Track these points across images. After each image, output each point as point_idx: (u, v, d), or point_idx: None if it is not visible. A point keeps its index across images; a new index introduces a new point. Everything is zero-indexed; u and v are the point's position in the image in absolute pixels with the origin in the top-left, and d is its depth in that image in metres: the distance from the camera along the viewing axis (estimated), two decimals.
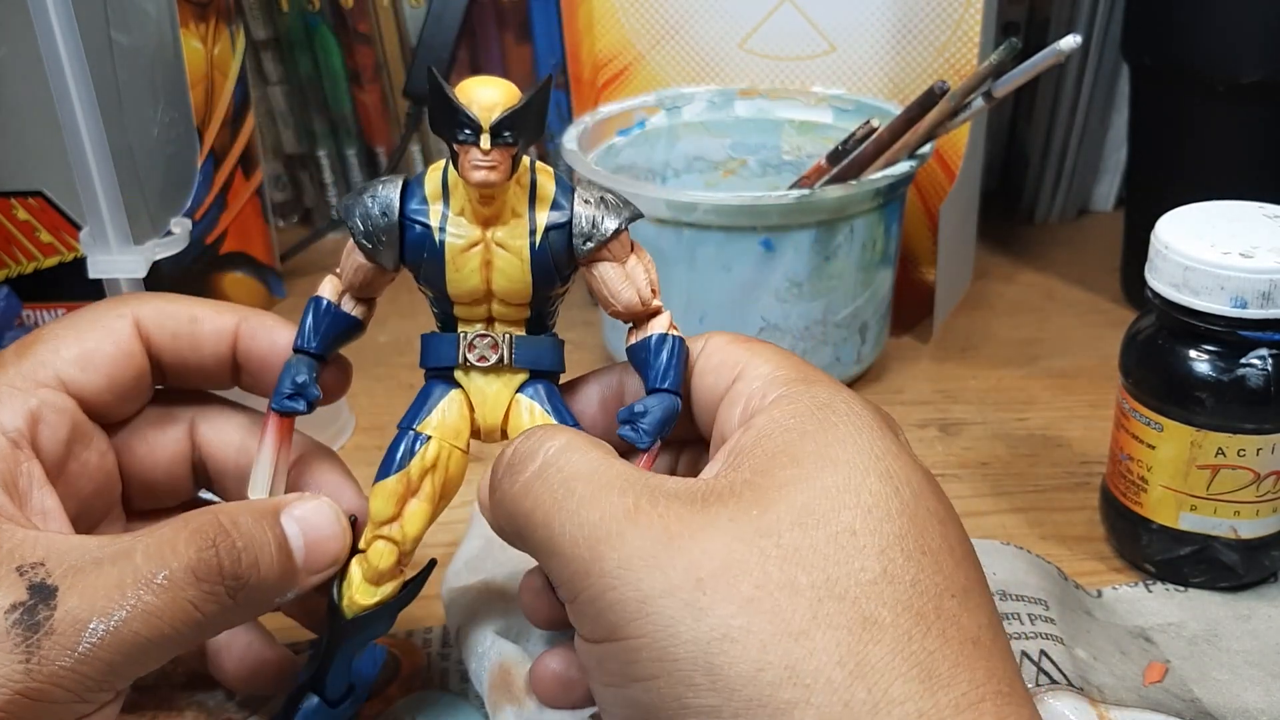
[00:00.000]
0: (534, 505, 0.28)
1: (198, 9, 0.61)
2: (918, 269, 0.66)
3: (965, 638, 0.25)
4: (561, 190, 0.31)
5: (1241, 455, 0.41)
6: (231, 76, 0.65)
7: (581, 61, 0.67)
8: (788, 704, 0.23)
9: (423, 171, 0.31)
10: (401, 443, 0.32)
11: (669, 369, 0.31)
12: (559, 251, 0.31)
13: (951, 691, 0.24)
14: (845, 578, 0.24)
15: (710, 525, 0.26)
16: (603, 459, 0.28)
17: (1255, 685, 0.39)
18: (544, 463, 0.28)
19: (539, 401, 0.32)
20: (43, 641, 0.26)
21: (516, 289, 0.31)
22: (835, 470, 0.26)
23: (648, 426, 0.31)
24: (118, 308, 0.33)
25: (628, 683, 0.25)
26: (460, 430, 0.32)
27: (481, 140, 0.28)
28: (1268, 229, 0.41)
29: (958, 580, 0.26)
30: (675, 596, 0.24)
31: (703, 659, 0.24)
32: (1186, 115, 0.60)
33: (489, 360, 0.32)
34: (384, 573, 0.32)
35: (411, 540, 0.32)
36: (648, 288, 0.32)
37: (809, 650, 0.24)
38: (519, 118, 0.28)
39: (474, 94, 0.28)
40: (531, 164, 0.31)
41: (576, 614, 0.27)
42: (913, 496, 0.26)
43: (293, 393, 0.32)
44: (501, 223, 0.31)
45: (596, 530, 0.26)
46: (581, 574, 0.26)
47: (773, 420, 0.28)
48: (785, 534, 0.25)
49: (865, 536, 0.25)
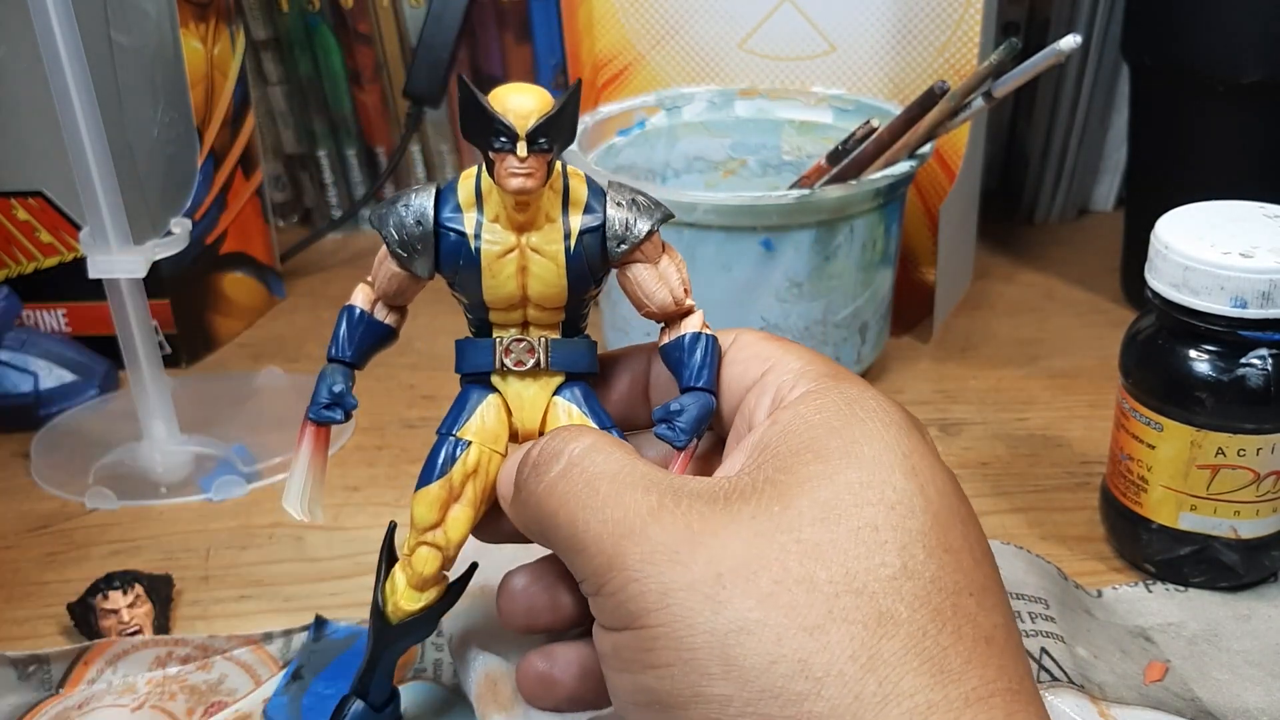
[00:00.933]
0: (559, 504, 0.28)
1: (198, 9, 0.61)
2: (918, 269, 0.66)
3: (979, 635, 0.25)
4: (593, 193, 0.31)
5: (1241, 455, 0.41)
6: (231, 76, 0.65)
7: (581, 61, 0.67)
8: (799, 695, 0.24)
9: (455, 179, 0.31)
10: (443, 448, 0.32)
11: (703, 367, 0.31)
12: (593, 255, 0.31)
13: (962, 686, 0.24)
14: (865, 573, 0.25)
15: (732, 522, 0.26)
16: (626, 459, 0.28)
17: (1255, 685, 0.39)
18: (569, 463, 0.29)
19: (576, 404, 0.32)
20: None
21: (552, 293, 0.31)
22: (860, 466, 0.27)
23: (684, 425, 0.31)
24: None
25: (643, 669, 0.26)
26: (499, 434, 0.32)
27: (519, 148, 0.28)
28: (1268, 229, 0.41)
29: (976, 579, 0.26)
30: (695, 590, 0.25)
31: (719, 650, 0.24)
32: (1186, 115, 0.60)
33: (526, 364, 0.32)
34: (428, 578, 0.32)
35: (455, 545, 0.32)
36: (680, 287, 0.32)
37: (823, 644, 0.24)
38: (554, 124, 0.28)
39: (509, 102, 0.29)
40: (564, 168, 0.31)
41: (598, 606, 0.27)
42: (937, 494, 0.27)
43: (330, 402, 0.32)
44: (536, 228, 0.31)
45: (620, 527, 0.26)
46: (605, 569, 0.26)
47: (799, 415, 0.28)
48: (806, 529, 0.25)
49: (887, 532, 0.25)
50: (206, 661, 0.41)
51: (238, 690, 0.40)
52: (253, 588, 0.46)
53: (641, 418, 0.34)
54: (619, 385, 0.34)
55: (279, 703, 0.38)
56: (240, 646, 0.42)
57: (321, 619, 0.42)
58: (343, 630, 0.42)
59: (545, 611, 0.32)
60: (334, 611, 0.43)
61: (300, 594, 0.46)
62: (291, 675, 0.40)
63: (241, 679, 0.40)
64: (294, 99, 0.76)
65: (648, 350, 0.34)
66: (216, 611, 0.45)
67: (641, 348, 0.35)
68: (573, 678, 0.32)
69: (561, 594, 0.32)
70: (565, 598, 0.32)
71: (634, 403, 0.34)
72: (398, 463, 0.54)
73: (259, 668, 0.41)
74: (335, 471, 0.54)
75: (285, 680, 0.39)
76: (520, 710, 0.34)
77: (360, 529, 0.50)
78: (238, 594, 0.46)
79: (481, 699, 0.35)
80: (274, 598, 0.45)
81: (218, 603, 0.45)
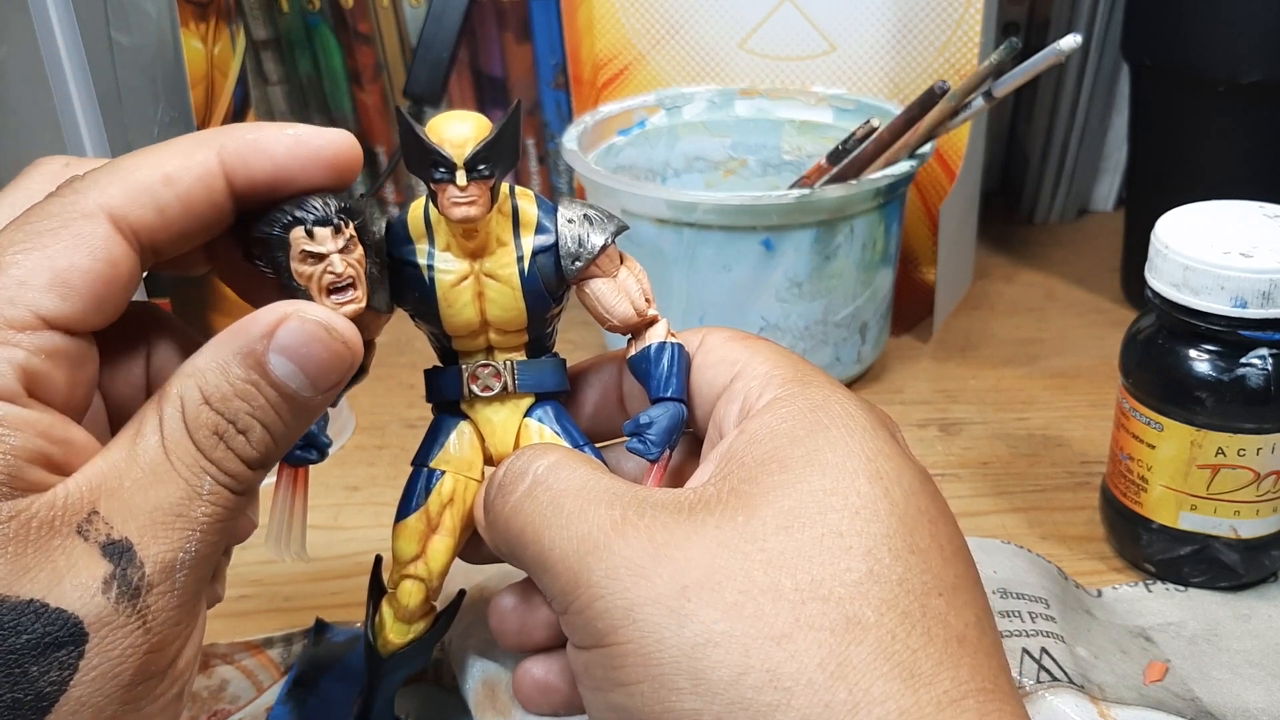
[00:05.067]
0: (525, 524, 0.28)
1: (198, 9, 0.61)
2: (918, 269, 0.66)
3: (950, 635, 0.25)
4: (544, 212, 0.31)
5: (1241, 455, 0.41)
6: (231, 76, 0.65)
7: (581, 61, 0.67)
8: (769, 706, 0.23)
9: (403, 212, 0.31)
10: (418, 480, 0.32)
11: (671, 377, 0.31)
12: (548, 274, 0.31)
13: (933, 689, 0.24)
14: (830, 579, 0.25)
15: (696, 534, 0.26)
16: (591, 474, 0.28)
17: (1255, 685, 0.39)
18: (533, 481, 0.28)
19: (547, 423, 0.32)
20: (148, 600, 0.25)
21: (511, 317, 0.31)
22: (824, 474, 0.26)
23: (655, 437, 0.30)
24: (80, 203, 0.26)
25: (613, 687, 0.25)
26: (473, 462, 0.32)
27: (458, 177, 0.28)
28: (1268, 229, 0.41)
29: (946, 578, 0.26)
30: (660, 604, 0.25)
31: (686, 664, 0.24)
32: (1186, 115, 0.60)
33: (493, 390, 0.32)
34: (414, 611, 0.32)
35: (438, 576, 0.32)
36: (641, 298, 0.31)
37: (790, 653, 0.24)
38: (492, 149, 0.28)
39: (444, 131, 0.28)
40: (511, 190, 0.31)
41: (568, 625, 0.27)
42: (903, 496, 0.26)
43: (304, 444, 0.32)
44: (488, 253, 0.30)
45: (584, 543, 0.26)
46: (571, 586, 0.26)
47: (764, 425, 0.28)
48: (770, 539, 0.25)
49: (852, 538, 0.25)
50: (207, 666, 0.41)
51: (240, 698, 0.40)
52: (252, 587, 0.46)
53: (616, 428, 0.34)
54: (590, 398, 0.34)
55: (280, 711, 0.38)
56: (240, 651, 0.42)
57: (322, 623, 0.42)
58: (343, 633, 0.42)
59: (536, 629, 0.32)
60: (334, 611, 0.43)
61: (300, 594, 0.46)
62: (293, 682, 0.40)
63: (243, 685, 0.40)
64: (294, 99, 0.76)
65: (618, 359, 0.34)
66: (216, 611, 0.45)
67: (611, 356, 0.34)
68: (568, 684, 0.32)
69: (550, 611, 0.31)
70: (553, 614, 0.31)
71: (608, 414, 0.34)
72: (398, 463, 0.54)
73: (260, 673, 0.41)
74: (335, 471, 0.54)
75: (287, 688, 0.39)
76: (518, 716, 0.34)
77: (360, 529, 0.50)
78: (238, 594, 0.46)
79: (479, 705, 0.35)
80: (274, 597, 0.45)
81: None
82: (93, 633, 0.24)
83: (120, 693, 0.24)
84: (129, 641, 0.25)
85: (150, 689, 0.25)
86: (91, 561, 0.24)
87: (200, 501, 0.26)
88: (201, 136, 0.28)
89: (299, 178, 0.28)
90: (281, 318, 0.27)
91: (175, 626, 0.26)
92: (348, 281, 0.28)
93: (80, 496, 0.25)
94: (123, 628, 0.25)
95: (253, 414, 0.26)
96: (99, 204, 0.26)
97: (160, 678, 0.26)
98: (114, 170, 0.27)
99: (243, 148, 0.28)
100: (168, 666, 0.26)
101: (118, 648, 0.24)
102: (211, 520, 0.26)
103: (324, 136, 0.28)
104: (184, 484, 0.26)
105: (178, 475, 0.26)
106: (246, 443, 0.26)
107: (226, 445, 0.26)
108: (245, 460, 0.26)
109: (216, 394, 0.26)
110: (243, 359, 0.26)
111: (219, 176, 0.28)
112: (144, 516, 0.25)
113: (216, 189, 0.28)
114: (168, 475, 0.26)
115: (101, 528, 0.25)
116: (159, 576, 0.25)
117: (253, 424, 0.26)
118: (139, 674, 0.25)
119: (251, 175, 0.28)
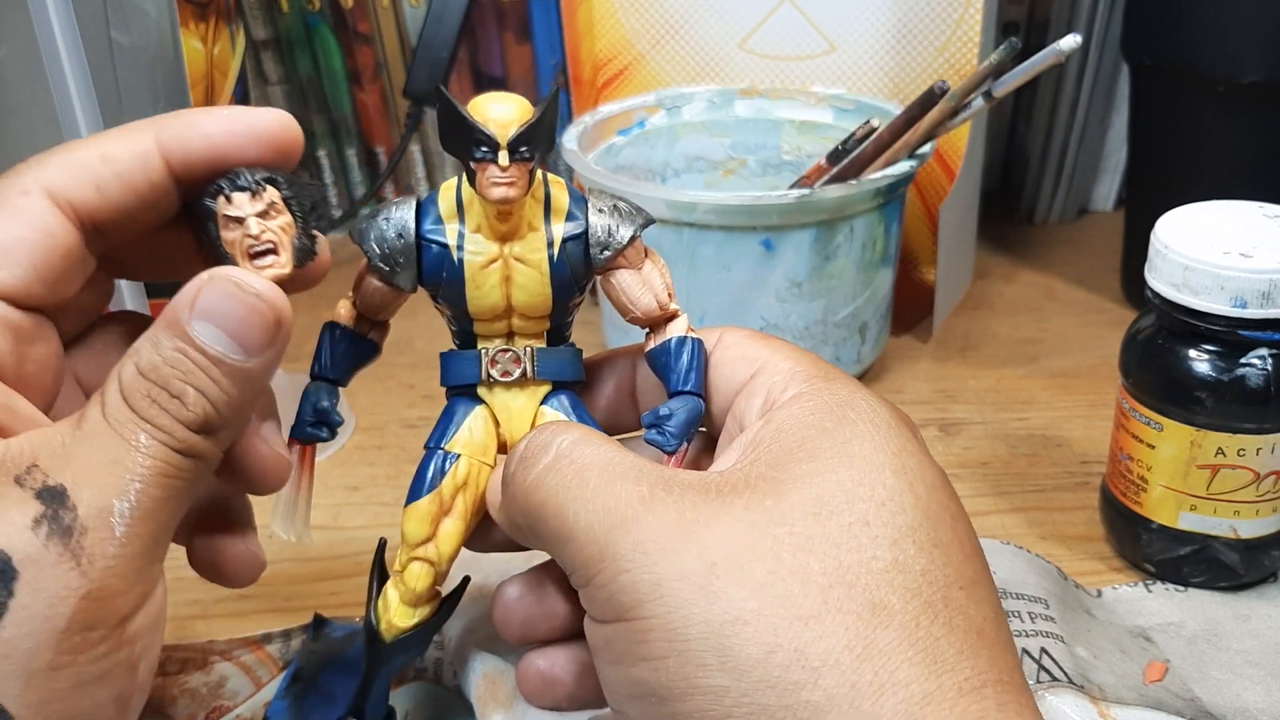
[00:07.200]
0: (548, 495, 0.28)
1: (198, 9, 0.61)
2: (918, 269, 0.66)
3: (970, 627, 0.25)
4: (575, 201, 0.31)
5: (1241, 455, 0.41)
6: (231, 76, 0.65)
7: (581, 61, 0.67)
8: (796, 685, 0.24)
9: (435, 191, 0.31)
10: (431, 463, 0.32)
11: (690, 370, 0.31)
12: (577, 262, 0.31)
13: (955, 676, 0.24)
14: (857, 565, 0.25)
15: (724, 513, 0.26)
16: (616, 451, 0.28)
17: (1255, 685, 0.39)
18: (557, 454, 0.28)
19: (564, 412, 0.32)
20: (82, 542, 0.25)
21: (537, 302, 0.31)
22: (851, 465, 0.27)
23: (674, 429, 0.31)
24: (19, 182, 0.28)
25: (636, 662, 0.26)
26: (488, 446, 0.32)
27: (500, 157, 0.28)
28: (1268, 229, 0.41)
29: (966, 573, 0.26)
30: (689, 580, 0.25)
31: (714, 640, 0.24)
32: (1186, 115, 0.60)
33: (512, 375, 0.32)
34: (421, 594, 0.32)
35: (447, 560, 0.32)
36: (664, 291, 0.32)
37: (819, 634, 0.24)
38: (534, 132, 0.28)
39: (489, 111, 0.28)
40: (544, 176, 0.31)
41: (589, 598, 0.27)
42: (926, 492, 0.27)
43: (315, 420, 0.32)
44: (519, 237, 0.30)
45: (611, 516, 0.26)
46: (595, 558, 0.26)
47: (792, 416, 0.28)
48: (799, 523, 0.26)
49: (878, 528, 0.26)
50: (206, 664, 0.41)
51: (239, 694, 0.40)
52: (253, 587, 0.45)
53: (629, 423, 0.34)
54: (605, 391, 0.34)
55: (279, 706, 0.38)
56: (239, 648, 0.42)
57: (320, 618, 0.42)
58: (341, 629, 0.42)
59: (541, 620, 0.32)
60: (333, 611, 0.43)
61: (300, 593, 0.46)
62: (291, 677, 0.40)
63: (241, 681, 0.40)
64: (294, 99, 0.76)
65: (632, 354, 0.34)
66: (216, 611, 0.45)
67: (625, 351, 0.35)
68: (572, 676, 0.32)
69: (557, 602, 0.32)
70: (560, 605, 0.31)
71: (621, 409, 0.34)
72: (398, 462, 0.54)
73: (258, 669, 0.41)
74: (335, 471, 0.54)
75: (285, 683, 0.39)
76: (520, 709, 0.34)
77: (360, 528, 0.50)
78: (237, 593, 0.46)
79: (481, 699, 0.35)
80: (273, 597, 0.45)
81: (218, 601, 0.45)
82: (22, 569, 0.24)
83: (55, 638, 0.24)
84: (63, 581, 0.25)
85: (90, 641, 0.25)
86: (26, 505, 0.25)
87: (135, 452, 0.26)
88: (143, 120, 0.30)
89: (235, 155, 0.29)
90: (200, 285, 0.28)
91: (119, 578, 0.26)
92: (267, 246, 0.28)
93: (21, 451, 0.26)
94: (55, 566, 0.25)
95: (185, 379, 0.27)
96: (37, 181, 0.28)
97: (104, 634, 0.25)
98: (54, 152, 0.29)
99: (179, 127, 0.29)
100: (114, 624, 0.26)
101: (50, 587, 0.25)
102: (150, 472, 0.26)
103: (257, 115, 0.29)
104: (118, 438, 0.26)
105: (113, 431, 0.27)
106: (182, 406, 0.27)
107: (161, 407, 0.27)
108: (183, 421, 0.27)
109: (148, 365, 0.27)
110: (169, 329, 0.27)
111: (155, 155, 0.29)
112: (79, 465, 0.26)
113: (154, 167, 0.29)
114: (104, 432, 0.26)
115: (39, 476, 0.26)
116: (94, 521, 0.25)
117: (185, 389, 0.27)
118: (75, 621, 0.25)
119: (188, 153, 0.29)
